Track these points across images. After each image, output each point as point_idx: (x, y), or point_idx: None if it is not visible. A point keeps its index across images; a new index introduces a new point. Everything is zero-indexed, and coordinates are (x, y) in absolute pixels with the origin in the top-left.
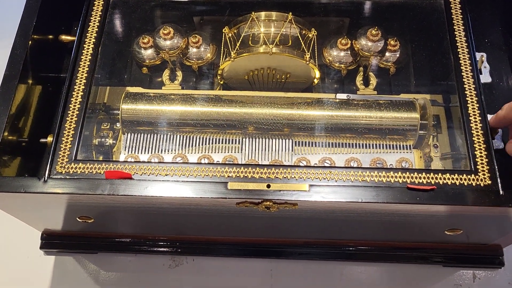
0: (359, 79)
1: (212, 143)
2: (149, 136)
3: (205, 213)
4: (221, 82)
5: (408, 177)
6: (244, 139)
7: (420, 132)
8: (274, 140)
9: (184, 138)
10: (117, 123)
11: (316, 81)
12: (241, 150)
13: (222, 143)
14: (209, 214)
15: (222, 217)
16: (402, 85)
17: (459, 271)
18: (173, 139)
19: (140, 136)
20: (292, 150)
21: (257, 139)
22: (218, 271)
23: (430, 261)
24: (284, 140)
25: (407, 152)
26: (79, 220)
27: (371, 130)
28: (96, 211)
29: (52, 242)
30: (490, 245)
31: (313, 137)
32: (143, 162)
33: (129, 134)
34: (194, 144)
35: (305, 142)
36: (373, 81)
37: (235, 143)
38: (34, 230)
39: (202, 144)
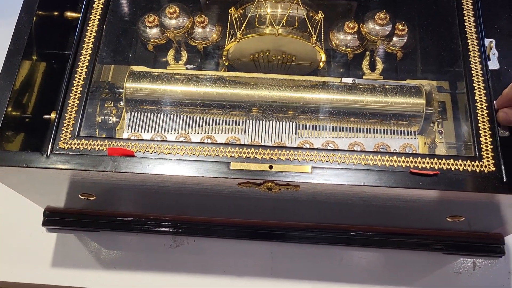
0: (365, 64)
1: (216, 124)
2: (152, 115)
3: (206, 193)
4: (226, 64)
5: (411, 162)
6: (247, 121)
7: (425, 118)
8: (277, 122)
9: (188, 118)
10: (121, 102)
11: (321, 64)
12: (244, 131)
13: (225, 124)
14: (211, 195)
15: (223, 198)
16: (409, 70)
17: (459, 259)
18: (176, 118)
19: (144, 115)
20: (295, 133)
21: (261, 121)
22: (219, 253)
23: (430, 248)
24: (287, 123)
25: (411, 138)
26: (81, 197)
27: (375, 114)
28: (98, 188)
29: (54, 219)
30: (491, 233)
31: (317, 120)
32: (146, 140)
33: (132, 113)
34: (197, 125)
35: (309, 125)
36: (380, 66)
37: (239, 124)
38: (36, 207)
39: (205, 125)
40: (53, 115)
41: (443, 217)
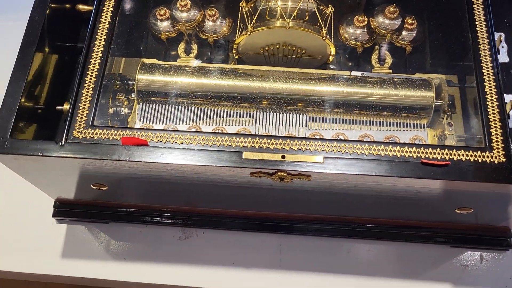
0: (374, 58)
1: (226, 116)
2: (163, 107)
3: (217, 184)
4: (236, 57)
5: (422, 153)
6: (258, 113)
7: (434, 111)
8: (288, 114)
9: (199, 110)
10: (132, 94)
11: (331, 58)
12: (255, 123)
13: (236, 116)
14: (221, 185)
15: (234, 189)
16: (418, 64)
17: (466, 252)
18: (187, 110)
19: (155, 106)
20: (305, 125)
21: (271, 113)
22: (227, 245)
23: (437, 241)
24: (297, 115)
25: (421, 131)
26: (93, 187)
27: (385, 107)
28: (110, 178)
29: (64, 210)
30: (499, 227)
31: (327, 113)
32: (159, 130)
33: (144, 104)
34: (208, 117)
35: (319, 117)
36: (389, 59)
37: (249, 116)
38: (46, 199)
39: (216, 117)
40: (66, 106)
41: (452, 209)
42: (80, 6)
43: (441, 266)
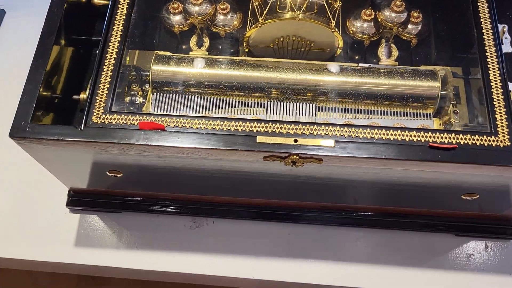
0: (381, 51)
1: (238, 106)
2: (176, 96)
3: (228, 173)
4: (247, 50)
5: (430, 137)
6: (269, 103)
7: (440, 100)
8: (297, 104)
9: (211, 100)
10: (146, 84)
11: (339, 51)
12: (266, 113)
13: (247, 106)
14: (233, 174)
15: (245, 178)
16: (423, 57)
17: (471, 241)
18: (200, 100)
19: (168, 96)
20: (315, 115)
21: (282, 103)
22: (237, 234)
23: (442, 230)
24: (307, 105)
25: (427, 120)
26: (108, 174)
27: (392, 97)
28: (126, 163)
29: (78, 199)
30: (503, 215)
31: (336, 102)
32: (175, 115)
33: (158, 94)
34: (220, 106)
35: (328, 107)
36: (395, 52)
37: (260, 106)
38: (61, 188)
39: (227, 107)
40: (82, 95)
41: (458, 194)
42: (96, 0)
43: (446, 254)
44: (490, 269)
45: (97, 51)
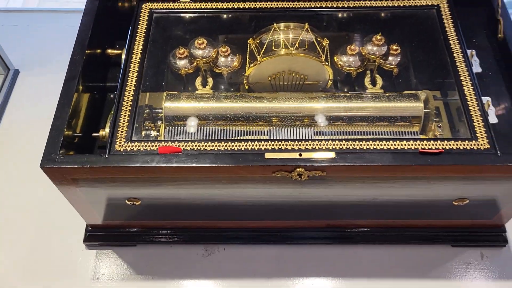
0: (367, 80)
1: (243, 135)
2: (186, 129)
3: (237, 199)
4: (247, 87)
5: (419, 145)
6: (270, 130)
7: (424, 118)
8: (297, 129)
9: (218, 131)
10: (159, 121)
11: (329, 83)
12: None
13: (251, 134)
14: (241, 199)
15: (252, 202)
16: (405, 84)
17: (467, 251)
18: (208, 131)
19: (179, 129)
20: (312, 139)
21: (282, 129)
22: (247, 258)
23: (439, 242)
24: (305, 129)
25: (415, 137)
26: (127, 202)
27: (381, 118)
28: (144, 190)
29: (95, 234)
30: (494, 224)
31: (331, 126)
32: (190, 140)
33: (170, 128)
34: (227, 135)
35: (324, 131)
36: (380, 81)
37: (263, 134)
38: (78, 224)
39: (234, 136)
40: (101, 132)
41: (450, 201)
42: (109, 51)
43: (445, 265)
44: (488, 276)
45: (116, 92)
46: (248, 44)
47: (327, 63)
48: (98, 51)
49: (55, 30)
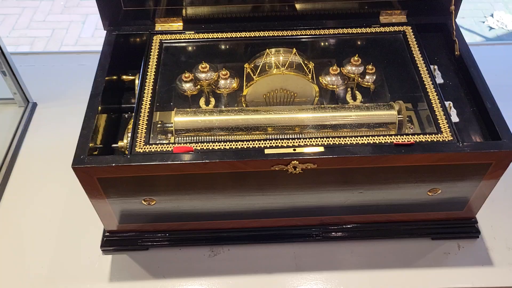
0: (348, 96)
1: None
2: (195, 139)
3: (242, 194)
4: (244, 105)
5: (394, 139)
6: (267, 137)
7: (398, 124)
8: (289, 135)
9: (222, 140)
10: (169, 134)
11: (316, 99)
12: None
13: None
14: (245, 195)
15: (254, 198)
16: (381, 98)
17: (446, 243)
18: (213, 140)
19: (188, 139)
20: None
21: (277, 136)
22: (250, 257)
23: (421, 235)
24: (297, 136)
25: None
26: (143, 203)
27: (362, 125)
28: (160, 188)
29: (111, 239)
30: (465, 217)
31: (319, 132)
32: (200, 141)
33: (179, 139)
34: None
35: (313, 136)
36: (359, 96)
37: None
38: (92, 235)
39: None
40: (120, 143)
41: (424, 191)
42: (124, 77)
43: (427, 255)
44: (465, 263)
45: (129, 112)
46: (245, 68)
47: (313, 82)
48: (115, 77)
49: (68, 68)
